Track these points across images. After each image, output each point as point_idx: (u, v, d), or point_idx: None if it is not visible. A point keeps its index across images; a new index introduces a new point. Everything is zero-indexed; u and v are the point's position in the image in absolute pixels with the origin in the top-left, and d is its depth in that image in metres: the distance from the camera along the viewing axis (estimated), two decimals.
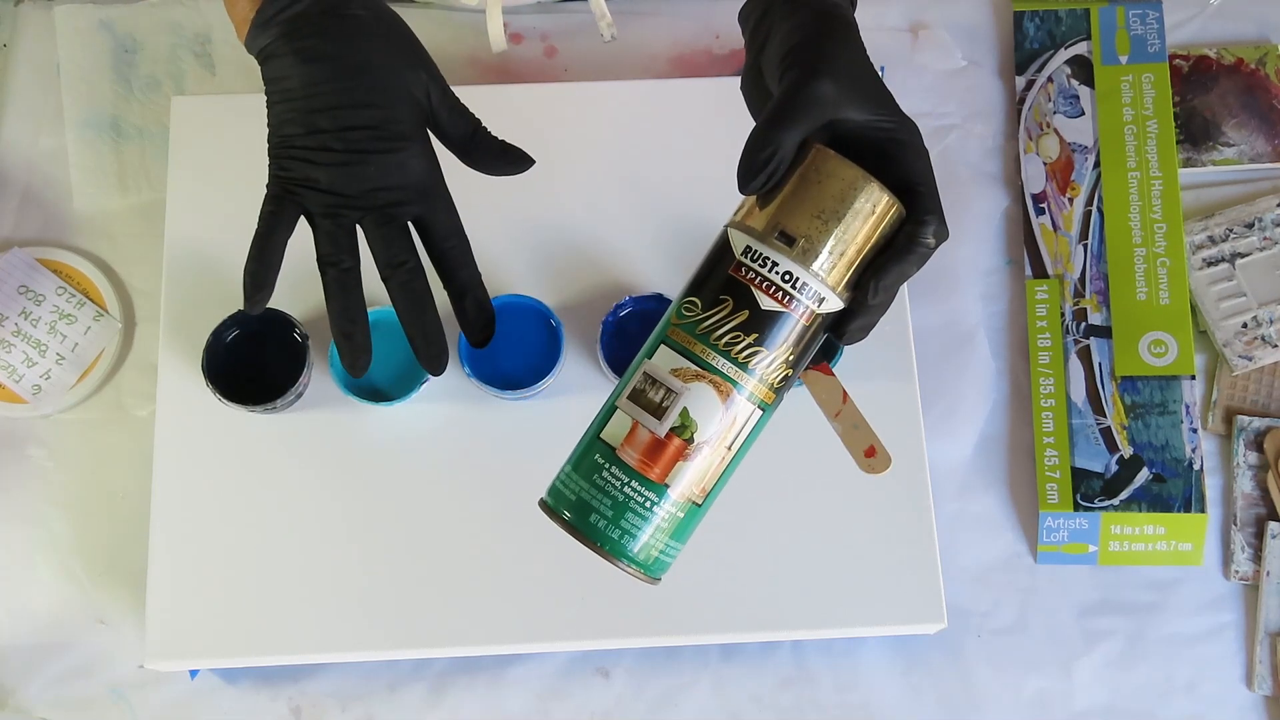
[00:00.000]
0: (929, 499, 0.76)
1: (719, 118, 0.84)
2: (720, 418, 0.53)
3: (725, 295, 0.53)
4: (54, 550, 0.79)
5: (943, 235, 0.53)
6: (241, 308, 0.75)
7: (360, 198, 0.59)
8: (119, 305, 0.84)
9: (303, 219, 0.61)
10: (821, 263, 0.52)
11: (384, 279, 0.60)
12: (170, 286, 0.79)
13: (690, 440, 0.52)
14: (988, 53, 0.92)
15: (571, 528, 0.53)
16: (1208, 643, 0.79)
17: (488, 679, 0.77)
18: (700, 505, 0.54)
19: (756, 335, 0.52)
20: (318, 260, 0.61)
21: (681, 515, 0.53)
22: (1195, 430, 0.79)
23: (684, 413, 0.52)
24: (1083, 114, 0.85)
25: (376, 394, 0.76)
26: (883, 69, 0.90)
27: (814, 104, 0.52)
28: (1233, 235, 0.85)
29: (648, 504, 0.52)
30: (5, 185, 0.87)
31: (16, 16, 0.91)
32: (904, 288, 0.80)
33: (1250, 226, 0.86)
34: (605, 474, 0.52)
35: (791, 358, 0.54)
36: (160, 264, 0.81)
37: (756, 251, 0.53)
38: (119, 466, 0.80)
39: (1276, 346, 0.83)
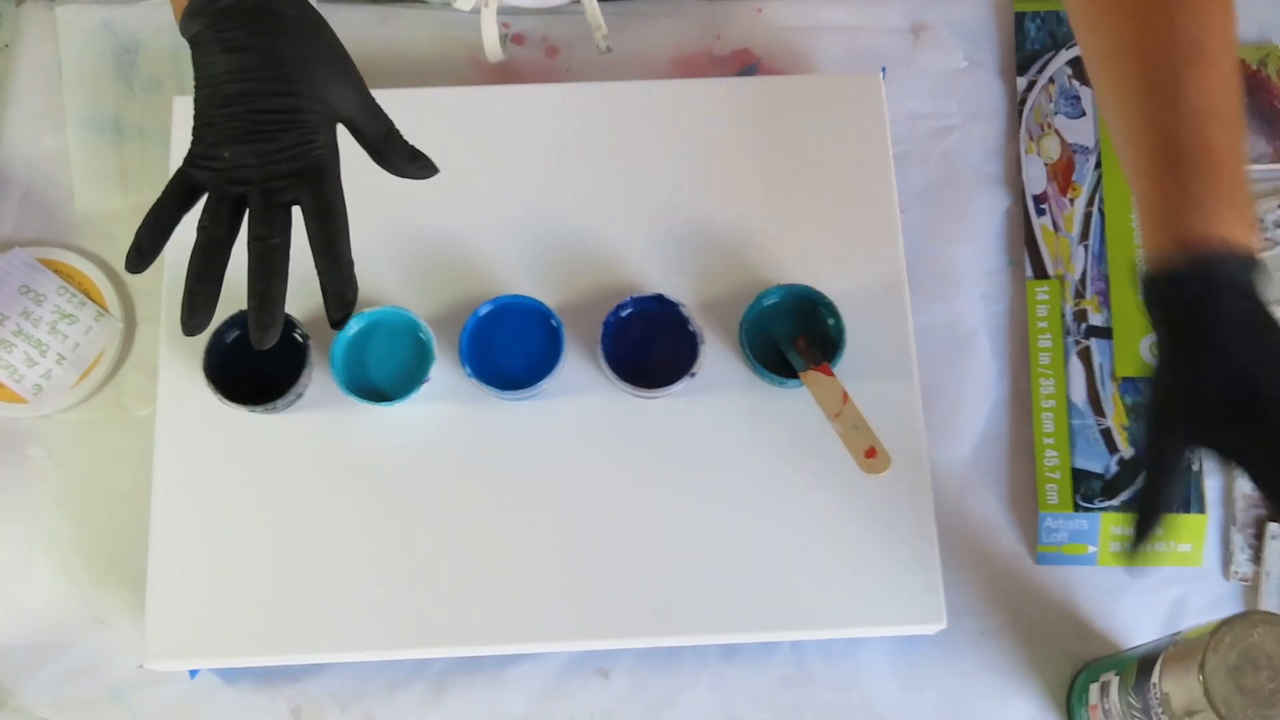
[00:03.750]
0: (929, 499, 0.76)
1: (719, 118, 0.84)
2: None
3: None
4: (54, 550, 0.79)
5: None
6: (241, 308, 0.76)
7: (251, 172, 0.60)
8: (120, 305, 0.84)
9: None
10: None
11: (248, 249, 0.61)
12: (171, 286, 0.79)
13: None
14: (989, 53, 0.92)
15: None
16: None
17: (488, 679, 0.77)
18: None
19: None
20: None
21: None
22: None
23: None
24: (1084, 115, 0.85)
25: (376, 394, 0.76)
26: (883, 69, 0.90)
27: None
28: None
29: None
30: (6, 185, 0.87)
31: (18, 16, 0.91)
32: (904, 288, 0.80)
33: None
34: None
35: None
36: (160, 264, 0.80)
37: None
38: (119, 466, 0.80)
39: None
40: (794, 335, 0.77)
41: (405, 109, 0.82)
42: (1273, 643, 0.62)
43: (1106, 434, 0.79)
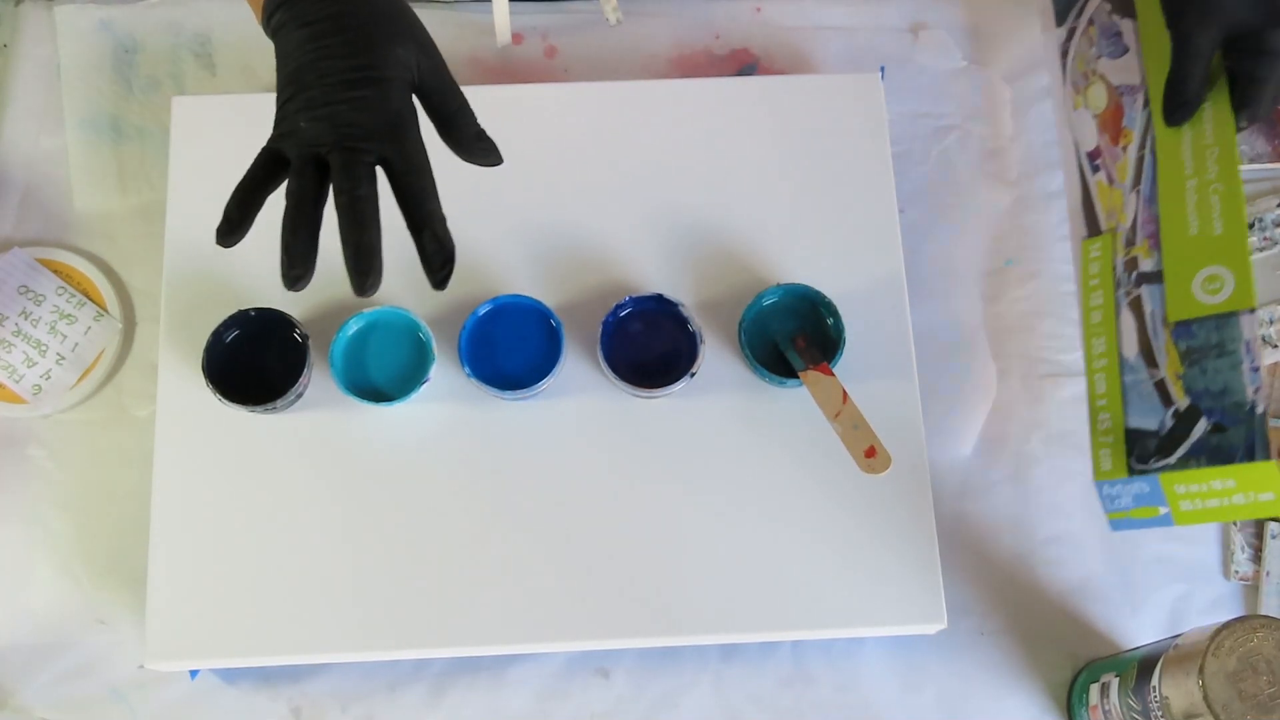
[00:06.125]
0: (929, 499, 0.76)
1: (719, 118, 0.84)
2: None
3: None
4: (54, 550, 0.79)
5: None
6: (241, 308, 0.76)
7: (328, 134, 0.60)
8: (119, 305, 0.84)
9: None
10: None
11: (336, 207, 0.61)
12: (170, 286, 0.79)
13: None
14: (988, 53, 0.92)
15: None
16: None
17: (488, 679, 0.77)
18: None
19: None
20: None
21: None
22: (1257, 369, 0.68)
23: None
24: (1127, 50, 0.77)
25: (376, 394, 0.76)
26: (882, 69, 0.90)
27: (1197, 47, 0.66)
28: None
29: None
30: (5, 185, 0.87)
31: (17, 16, 0.91)
32: (903, 287, 0.80)
33: (1250, 226, 0.86)
34: None
35: None
36: (160, 264, 0.81)
37: None
38: (119, 466, 0.80)
39: (1276, 346, 0.83)
40: (794, 335, 0.77)
41: None
42: (1272, 647, 0.62)
43: (1160, 386, 0.69)
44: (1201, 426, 0.68)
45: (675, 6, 0.92)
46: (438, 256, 0.61)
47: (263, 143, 0.62)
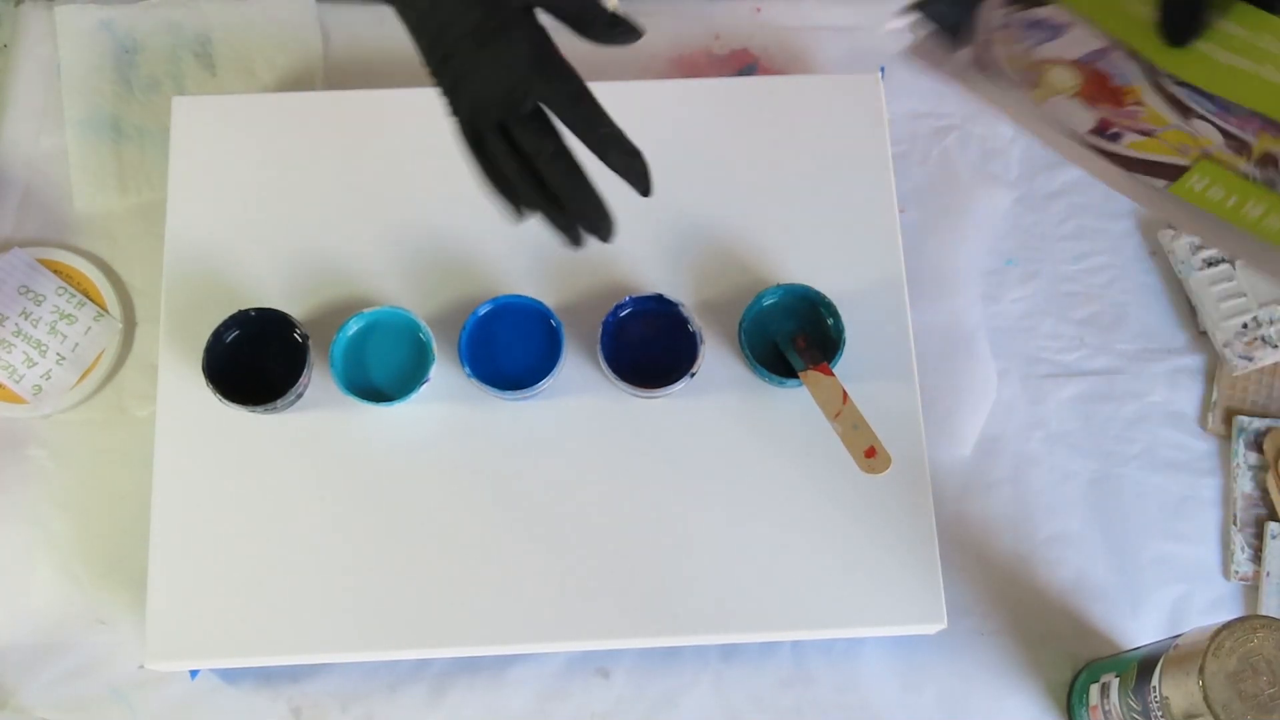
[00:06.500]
0: (929, 499, 0.76)
1: (719, 118, 0.84)
2: None
3: None
4: (54, 550, 0.79)
5: None
6: (241, 308, 0.76)
7: (484, 101, 0.61)
8: (119, 305, 0.84)
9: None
10: None
11: (540, 170, 0.62)
12: (170, 286, 0.79)
13: None
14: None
15: None
16: None
17: (488, 679, 0.77)
18: None
19: None
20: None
21: None
22: None
23: None
24: (1064, 27, 0.70)
25: (376, 394, 0.76)
26: (882, 69, 0.90)
27: None
28: None
29: None
30: (5, 185, 0.87)
31: (17, 16, 0.91)
32: (903, 287, 0.80)
33: None
34: None
35: None
36: (160, 264, 0.81)
37: None
38: (119, 466, 0.80)
39: (1276, 347, 0.83)
40: (794, 335, 0.77)
41: (405, 109, 0.82)
42: (1272, 648, 0.62)
43: None
44: None
45: (675, 6, 0.92)
46: (632, 169, 0.62)
47: (262, 143, 0.62)
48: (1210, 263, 0.85)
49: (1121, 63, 0.67)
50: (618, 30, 0.63)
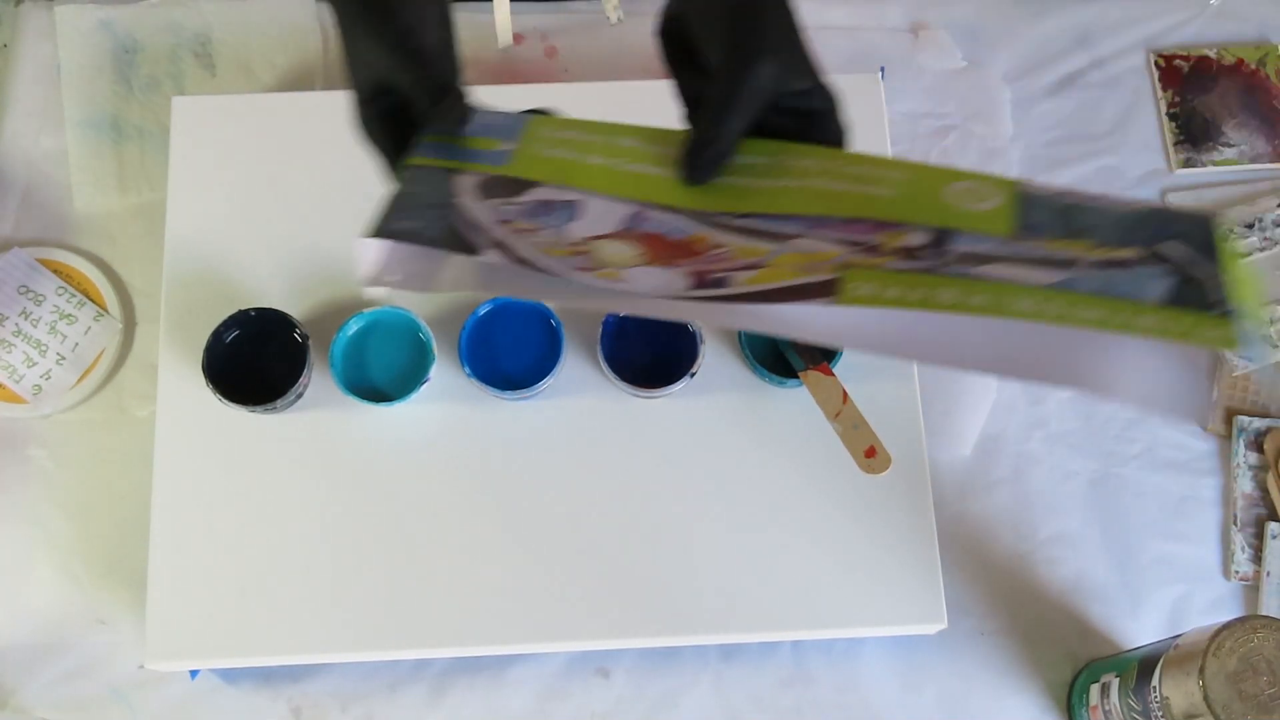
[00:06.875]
0: (929, 499, 0.76)
1: None
2: None
3: None
4: (54, 550, 0.79)
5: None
6: (242, 308, 0.76)
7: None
8: (119, 305, 0.84)
9: None
10: None
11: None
12: (170, 286, 0.79)
13: None
14: (988, 53, 0.92)
15: None
16: None
17: (488, 679, 0.77)
18: None
19: None
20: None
21: None
22: None
23: None
24: (571, 206, 0.58)
25: (376, 394, 0.76)
26: (882, 69, 0.90)
27: (759, 92, 0.50)
28: (1233, 235, 0.85)
29: None
30: (5, 185, 0.87)
31: (17, 16, 0.91)
32: None
33: (1250, 227, 0.86)
34: None
35: None
36: (160, 264, 0.81)
37: None
38: (119, 466, 0.80)
39: (1277, 346, 0.83)
40: None
41: None
42: (1272, 647, 0.62)
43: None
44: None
45: None
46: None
47: (262, 143, 0.62)
48: None
49: (665, 219, 0.56)
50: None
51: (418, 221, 0.54)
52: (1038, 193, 0.52)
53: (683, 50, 0.56)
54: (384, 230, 0.53)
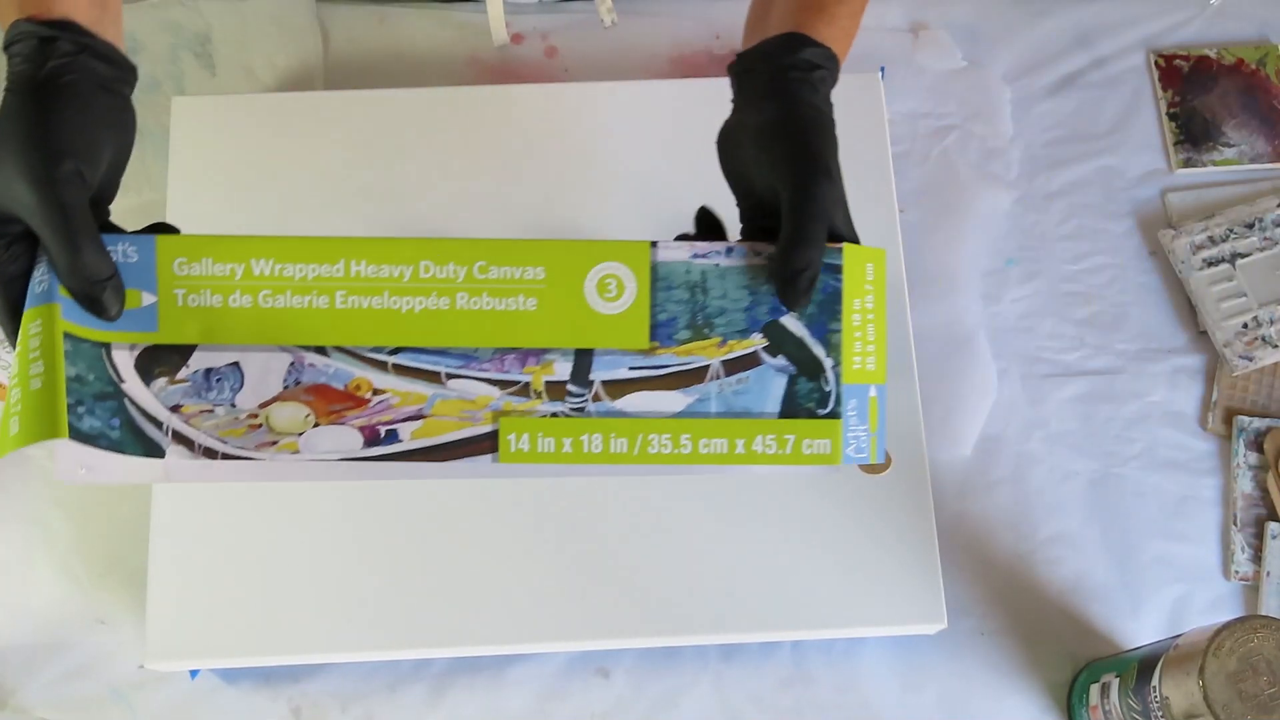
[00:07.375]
0: (929, 499, 0.76)
1: (719, 118, 0.84)
2: None
3: None
4: (54, 550, 0.79)
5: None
6: None
7: None
8: None
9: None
10: None
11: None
12: None
13: None
14: (988, 53, 0.92)
15: None
16: None
17: (488, 679, 0.77)
18: None
19: None
20: None
21: None
22: None
23: None
24: None
25: None
26: (882, 69, 0.90)
27: (827, 215, 0.55)
28: (1233, 235, 0.85)
29: None
30: None
31: None
32: (903, 288, 0.80)
33: (1250, 226, 0.86)
34: None
35: None
36: None
37: None
38: None
39: (1276, 346, 0.83)
40: None
41: (405, 109, 0.82)
42: (1272, 647, 0.62)
43: None
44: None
45: (675, 6, 0.92)
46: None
47: (262, 143, 0.62)
48: (1210, 262, 0.85)
49: (321, 362, 0.55)
50: None
51: (96, 420, 0.52)
52: (670, 262, 0.56)
53: (743, 162, 0.61)
54: (72, 430, 0.51)
